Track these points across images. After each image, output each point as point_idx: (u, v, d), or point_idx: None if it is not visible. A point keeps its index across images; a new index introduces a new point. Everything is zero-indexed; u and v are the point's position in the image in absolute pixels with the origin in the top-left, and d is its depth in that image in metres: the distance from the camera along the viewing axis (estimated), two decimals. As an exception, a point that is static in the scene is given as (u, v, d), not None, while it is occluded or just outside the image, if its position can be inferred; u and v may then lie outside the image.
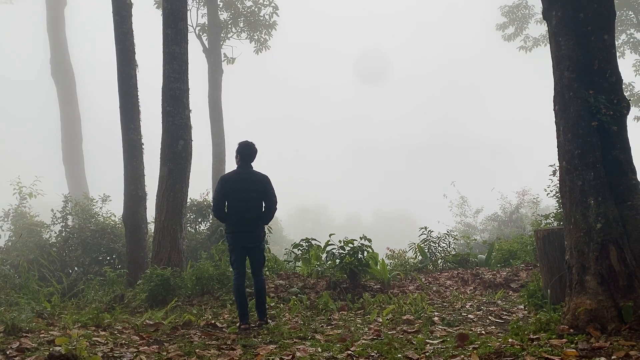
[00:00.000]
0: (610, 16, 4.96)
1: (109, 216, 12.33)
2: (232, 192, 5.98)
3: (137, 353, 4.43)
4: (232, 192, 5.98)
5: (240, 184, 6.01)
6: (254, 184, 6.03)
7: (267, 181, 6.10)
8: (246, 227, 5.96)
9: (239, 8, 18.02)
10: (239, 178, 6.05)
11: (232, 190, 5.99)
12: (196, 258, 10.82)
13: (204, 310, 6.86)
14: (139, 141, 9.92)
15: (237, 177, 6.06)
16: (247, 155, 6.13)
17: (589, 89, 4.80)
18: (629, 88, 19.35)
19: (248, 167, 6.13)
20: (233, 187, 6.00)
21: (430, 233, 10.81)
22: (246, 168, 6.12)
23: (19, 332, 4.86)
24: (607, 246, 4.39)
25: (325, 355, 4.37)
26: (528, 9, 20.01)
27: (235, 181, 6.03)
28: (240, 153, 6.14)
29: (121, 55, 9.91)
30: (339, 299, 7.49)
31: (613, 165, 4.69)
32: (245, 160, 6.12)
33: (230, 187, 6.00)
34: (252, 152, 6.15)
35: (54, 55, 22.46)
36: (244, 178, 6.05)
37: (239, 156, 6.15)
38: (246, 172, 6.10)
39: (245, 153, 6.12)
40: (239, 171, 6.13)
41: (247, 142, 6.18)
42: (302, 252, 9.28)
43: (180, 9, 9.43)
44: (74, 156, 22.28)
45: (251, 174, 6.09)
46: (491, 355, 3.92)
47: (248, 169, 6.12)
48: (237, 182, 6.02)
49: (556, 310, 5.20)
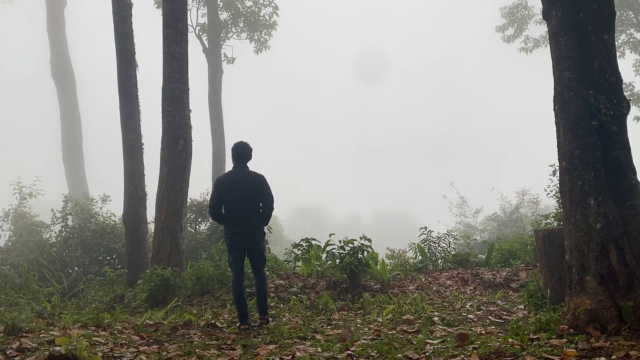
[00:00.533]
0: (610, 16, 4.96)
1: (109, 216, 12.33)
2: (228, 193, 5.96)
3: (137, 353, 4.43)
4: (228, 193, 5.96)
5: (236, 184, 5.98)
6: (249, 184, 6.00)
7: (262, 181, 6.06)
8: (243, 227, 5.94)
9: (239, 8, 18.02)
10: (234, 179, 6.03)
11: (228, 191, 5.96)
12: (196, 258, 10.82)
13: (204, 310, 6.86)
14: (139, 141, 9.92)
15: (232, 178, 6.04)
16: (241, 155, 6.10)
17: (589, 89, 4.80)
18: (629, 88, 19.34)
19: (243, 167, 6.11)
20: (228, 187, 5.97)
21: (430, 233, 10.81)
22: (241, 168, 6.10)
23: (19, 332, 4.86)
24: (607, 246, 4.39)
25: (325, 355, 4.37)
26: (528, 10, 19.99)
27: (231, 182, 6.00)
28: (234, 154, 6.13)
29: (121, 55, 9.91)
30: (339, 299, 7.49)
31: (613, 165, 4.69)
32: (239, 161, 6.10)
33: (225, 188, 5.97)
34: (245, 152, 6.11)
35: (54, 55, 22.46)
36: (239, 178, 6.02)
37: (233, 157, 6.15)
38: (241, 173, 6.07)
39: (238, 153, 6.10)
40: (234, 172, 6.11)
41: (240, 143, 6.16)
42: (302, 252, 9.28)
43: (180, 9, 9.43)
44: (74, 156, 22.28)
45: (246, 174, 6.06)
46: (491, 355, 3.92)
47: (243, 169, 6.10)
48: (233, 182, 5.99)
49: (556, 310, 5.20)
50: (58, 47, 22.50)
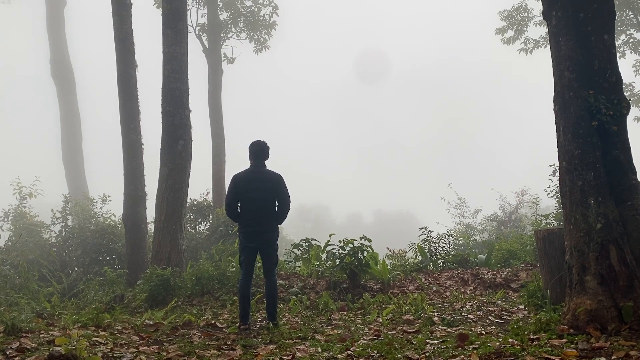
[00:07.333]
0: (610, 16, 4.95)
1: (109, 216, 12.34)
2: (245, 192, 5.89)
3: (137, 353, 4.43)
4: (244, 192, 5.90)
5: (253, 183, 5.91)
6: (267, 183, 5.93)
7: (280, 180, 5.99)
8: (258, 226, 5.87)
9: (238, 8, 18.00)
10: (251, 177, 5.96)
11: (245, 189, 5.90)
12: (196, 258, 10.82)
13: (204, 310, 6.86)
14: (139, 141, 9.92)
15: (250, 176, 5.97)
16: (259, 153, 6.01)
17: (589, 89, 4.80)
18: (629, 88, 19.31)
19: (260, 165, 6.03)
20: (246, 186, 5.90)
21: (430, 233, 10.81)
22: (258, 167, 6.02)
23: (19, 332, 4.85)
24: (607, 246, 4.39)
25: (325, 355, 4.36)
26: (527, 11, 19.95)
27: (248, 180, 5.93)
28: (252, 152, 6.06)
29: (121, 55, 9.91)
30: (339, 299, 7.49)
31: (613, 165, 4.69)
32: (256, 159, 6.02)
33: (243, 187, 5.90)
34: (262, 150, 6.03)
35: (53, 55, 22.43)
36: (256, 177, 5.95)
37: (250, 155, 6.07)
38: (259, 171, 6.00)
39: (256, 151, 6.02)
40: (251, 170, 6.03)
41: (258, 141, 6.09)
42: (302, 252, 9.29)
43: (180, 9, 9.44)
44: (74, 156, 22.25)
45: (264, 173, 5.99)
46: (491, 355, 3.92)
47: (260, 168, 6.02)
48: (250, 181, 5.92)
49: (556, 310, 5.20)
50: (58, 47, 22.47)
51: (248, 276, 5.90)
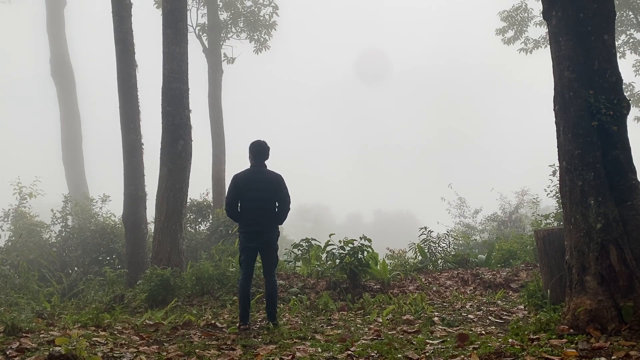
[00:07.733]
0: (610, 16, 4.95)
1: (109, 216, 12.34)
2: (245, 192, 5.89)
3: (137, 353, 4.43)
4: (244, 191, 5.89)
5: (253, 183, 5.91)
6: (267, 183, 5.93)
7: (280, 181, 5.99)
8: (259, 226, 5.86)
9: (238, 8, 17.99)
10: (252, 177, 5.95)
11: (245, 189, 5.89)
12: (196, 258, 10.82)
13: (204, 310, 6.86)
14: (139, 141, 9.92)
15: (250, 176, 5.96)
16: (258, 153, 6.01)
17: (589, 89, 4.79)
18: (629, 88, 19.31)
19: (261, 165, 6.03)
20: (246, 186, 5.89)
21: (430, 233, 10.81)
22: (259, 167, 6.02)
23: (19, 332, 4.85)
24: (607, 246, 4.39)
25: (325, 356, 4.36)
26: (527, 12, 19.95)
27: (248, 180, 5.93)
28: (252, 152, 6.06)
29: (121, 55, 9.91)
30: (339, 299, 7.49)
31: (613, 165, 4.69)
32: (257, 159, 6.02)
33: (243, 187, 5.90)
34: (262, 150, 6.03)
35: (53, 55, 22.43)
36: (257, 177, 5.94)
37: (251, 155, 6.07)
38: (259, 171, 5.99)
39: (257, 151, 6.02)
40: (251, 170, 6.03)
41: (258, 141, 6.09)
42: (302, 252, 9.29)
43: (180, 9, 9.44)
44: (73, 156, 22.24)
45: (264, 173, 5.99)
46: (491, 355, 3.91)
47: (261, 168, 6.02)
48: (250, 181, 5.92)
49: (556, 310, 5.20)
50: (58, 47, 22.46)
51: (248, 276, 5.89)
